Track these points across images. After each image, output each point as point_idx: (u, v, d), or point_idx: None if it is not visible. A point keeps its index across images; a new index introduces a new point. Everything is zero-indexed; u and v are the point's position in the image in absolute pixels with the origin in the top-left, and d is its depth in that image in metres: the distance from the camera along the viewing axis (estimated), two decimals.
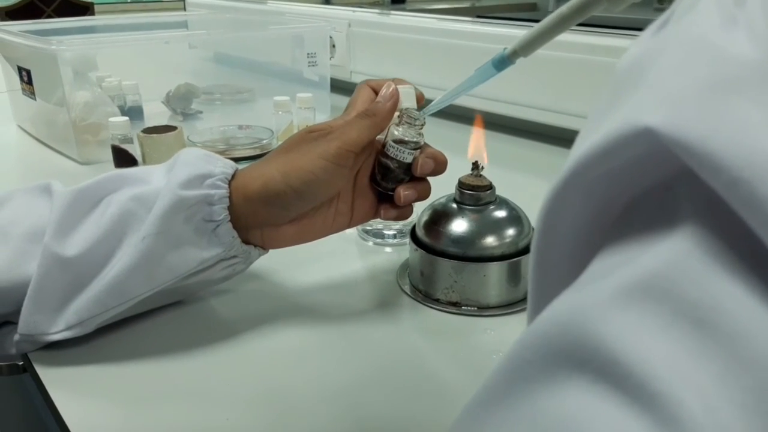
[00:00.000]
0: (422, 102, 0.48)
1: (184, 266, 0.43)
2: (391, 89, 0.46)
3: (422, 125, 0.46)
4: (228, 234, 0.44)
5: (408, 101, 0.47)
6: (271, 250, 0.48)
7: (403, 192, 0.47)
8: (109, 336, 0.46)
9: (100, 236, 0.43)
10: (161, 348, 0.45)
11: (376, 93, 0.47)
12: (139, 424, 0.38)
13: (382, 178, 0.47)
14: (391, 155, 0.46)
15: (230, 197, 0.44)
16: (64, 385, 0.42)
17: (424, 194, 0.48)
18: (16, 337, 0.43)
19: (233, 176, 0.45)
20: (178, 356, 0.45)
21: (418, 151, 0.47)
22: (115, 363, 0.44)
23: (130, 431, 0.38)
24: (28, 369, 0.45)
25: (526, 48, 0.41)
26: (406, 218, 0.49)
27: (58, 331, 0.43)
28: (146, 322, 0.48)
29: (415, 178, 0.47)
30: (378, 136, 0.47)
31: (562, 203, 0.17)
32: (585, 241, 0.18)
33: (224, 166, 0.45)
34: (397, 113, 0.46)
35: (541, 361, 0.15)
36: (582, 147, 0.16)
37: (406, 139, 0.46)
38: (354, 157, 0.45)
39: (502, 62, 0.43)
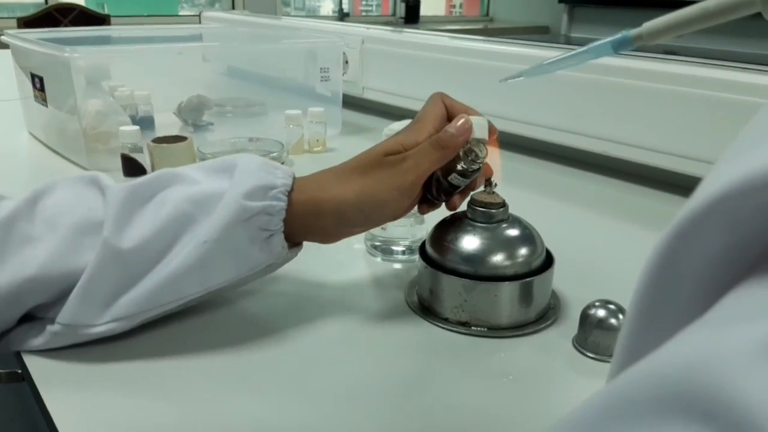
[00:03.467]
0: (495, 134, 0.49)
1: (235, 272, 0.45)
2: (465, 124, 0.47)
3: (484, 159, 0.48)
4: (279, 244, 0.45)
5: (480, 132, 0.48)
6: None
7: (459, 201, 0.50)
8: (108, 346, 0.45)
9: (155, 233, 0.44)
10: (159, 359, 0.44)
11: (448, 110, 0.49)
12: None
13: (437, 192, 0.49)
14: (455, 184, 0.48)
15: (289, 208, 0.45)
16: (61, 395, 0.40)
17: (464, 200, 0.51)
18: (55, 327, 0.43)
19: (292, 187, 0.46)
20: (175, 367, 0.43)
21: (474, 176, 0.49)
22: (113, 374, 0.43)
23: None
24: (25, 377, 0.44)
25: (654, 34, 0.37)
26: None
27: (103, 323, 0.43)
28: (144, 331, 0.47)
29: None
30: None
31: (700, 229, 0.15)
32: (717, 274, 0.16)
33: (284, 177, 0.46)
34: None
35: (653, 403, 0.13)
36: (735, 171, 0.14)
37: (469, 170, 0.48)
38: (422, 186, 0.47)
39: (623, 44, 0.39)
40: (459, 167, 0.47)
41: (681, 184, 0.79)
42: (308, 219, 0.46)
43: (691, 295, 0.16)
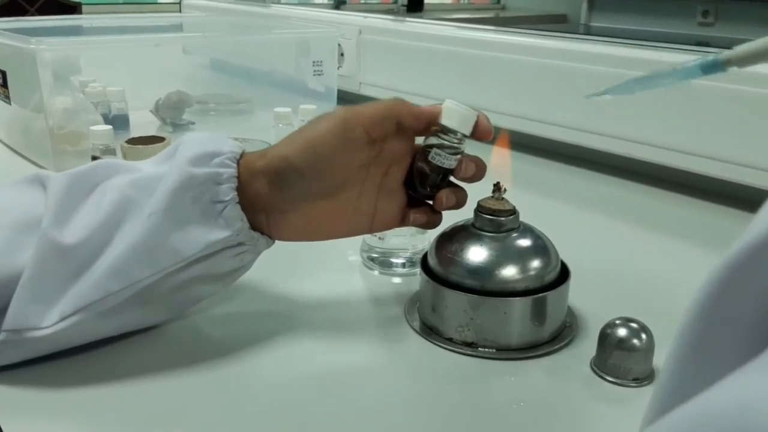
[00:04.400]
0: (490, 136, 0.48)
1: (190, 248, 0.44)
2: (435, 107, 0.47)
3: (465, 136, 0.47)
4: (236, 217, 0.45)
5: (461, 125, 0.47)
6: (268, 277, 0.48)
7: (445, 196, 0.48)
8: (68, 369, 0.45)
9: (99, 223, 0.44)
10: (129, 383, 0.44)
11: None
12: None
13: (420, 183, 0.49)
14: (437, 162, 0.48)
15: (238, 177, 0.45)
16: (17, 422, 0.40)
17: (463, 201, 0.50)
18: (1, 336, 0.42)
19: (241, 156, 0.47)
20: (149, 389, 0.43)
21: (460, 156, 0.48)
22: (73, 400, 0.43)
23: None
24: None
25: (745, 59, 0.38)
26: (435, 227, 0.51)
27: (51, 324, 0.42)
28: (114, 353, 0.47)
29: (452, 184, 0.49)
30: (417, 142, 0.49)
31: (757, 263, 0.16)
32: None
33: (232, 146, 0.47)
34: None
35: None
36: None
37: (450, 143, 0.47)
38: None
39: (713, 67, 0.40)
40: (439, 138, 0.47)
41: (710, 189, 0.79)
42: (250, 185, 0.45)
43: (744, 332, 0.16)
